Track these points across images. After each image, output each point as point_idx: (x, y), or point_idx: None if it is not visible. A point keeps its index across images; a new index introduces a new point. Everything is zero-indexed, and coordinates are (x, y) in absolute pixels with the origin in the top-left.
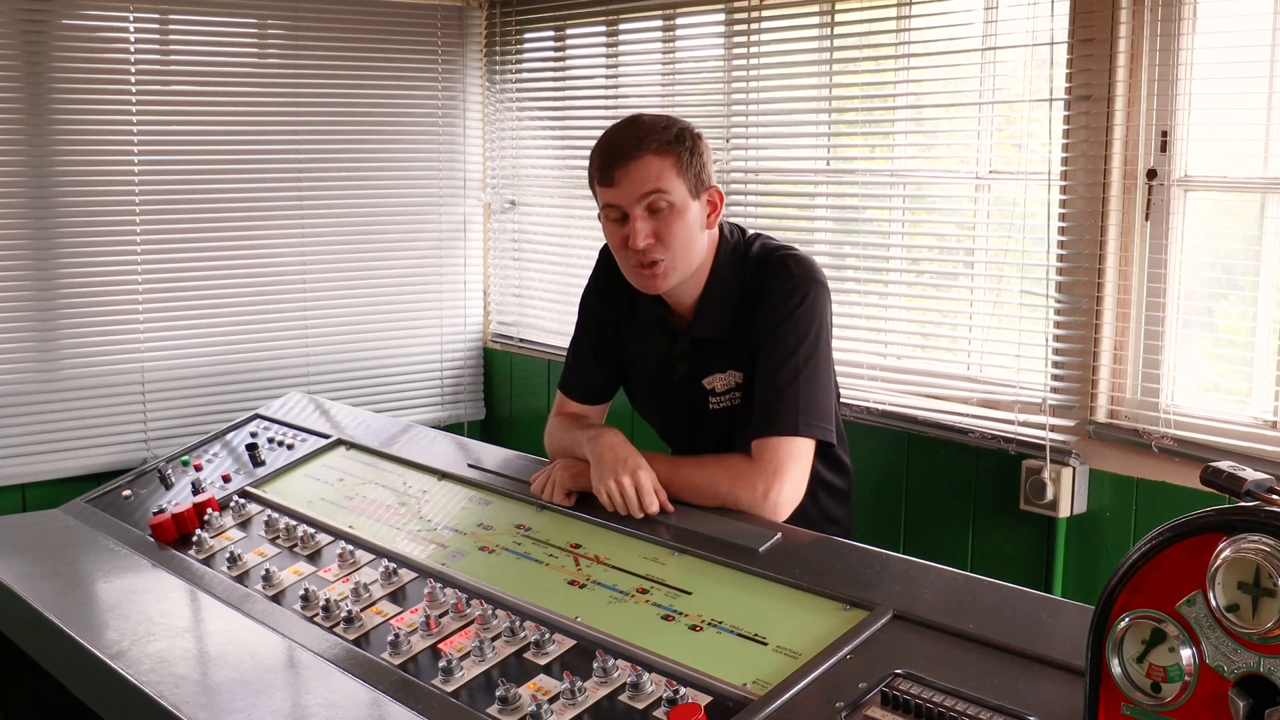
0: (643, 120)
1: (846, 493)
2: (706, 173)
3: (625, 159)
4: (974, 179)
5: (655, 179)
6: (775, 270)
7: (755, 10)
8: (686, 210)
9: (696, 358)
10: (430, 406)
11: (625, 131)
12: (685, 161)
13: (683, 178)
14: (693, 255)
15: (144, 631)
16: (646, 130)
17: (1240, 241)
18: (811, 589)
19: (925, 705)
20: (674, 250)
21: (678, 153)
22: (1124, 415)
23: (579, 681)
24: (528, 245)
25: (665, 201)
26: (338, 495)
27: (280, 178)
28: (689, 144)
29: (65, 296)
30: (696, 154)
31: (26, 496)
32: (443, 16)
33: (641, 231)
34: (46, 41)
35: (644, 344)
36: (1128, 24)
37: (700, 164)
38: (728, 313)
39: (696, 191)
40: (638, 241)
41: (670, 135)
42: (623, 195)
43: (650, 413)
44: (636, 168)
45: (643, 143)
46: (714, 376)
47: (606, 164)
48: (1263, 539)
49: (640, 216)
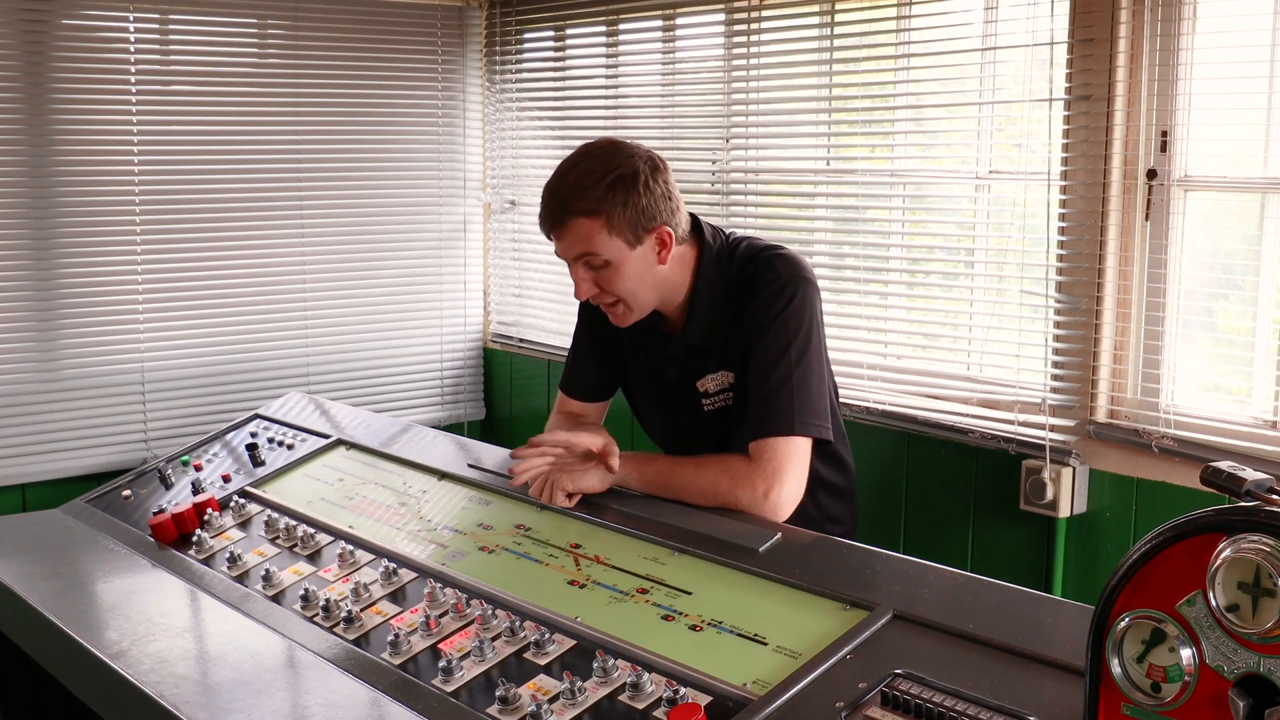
0: (575, 171)
1: (848, 491)
2: (648, 216)
3: (554, 224)
4: (974, 179)
5: (585, 243)
6: (763, 270)
7: (755, 10)
8: (624, 263)
9: (688, 362)
10: (430, 406)
11: (556, 190)
12: (617, 217)
13: (616, 234)
14: (645, 296)
15: (144, 631)
16: (574, 190)
17: (1240, 241)
18: (811, 589)
19: (925, 705)
20: (622, 297)
21: (607, 211)
22: (1124, 415)
23: (579, 681)
24: (528, 245)
25: (600, 260)
26: (338, 495)
27: (280, 178)
28: (621, 196)
29: (65, 296)
30: (630, 204)
31: (26, 496)
32: (443, 16)
33: (583, 286)
34: (46, 41)
35: (638, 349)
36: (1128, 24)
37: (637, 212)
38: (716, 318)
39: (636, 239)
40: (580, 294)
41: (600, 190)
42: (561, 251)
43: (648, 416)
44: (565, 232)
45: (568, 207)
46: (706, 378)
47: (541, 220)
48: (1263, 539)
49: (580, 272)
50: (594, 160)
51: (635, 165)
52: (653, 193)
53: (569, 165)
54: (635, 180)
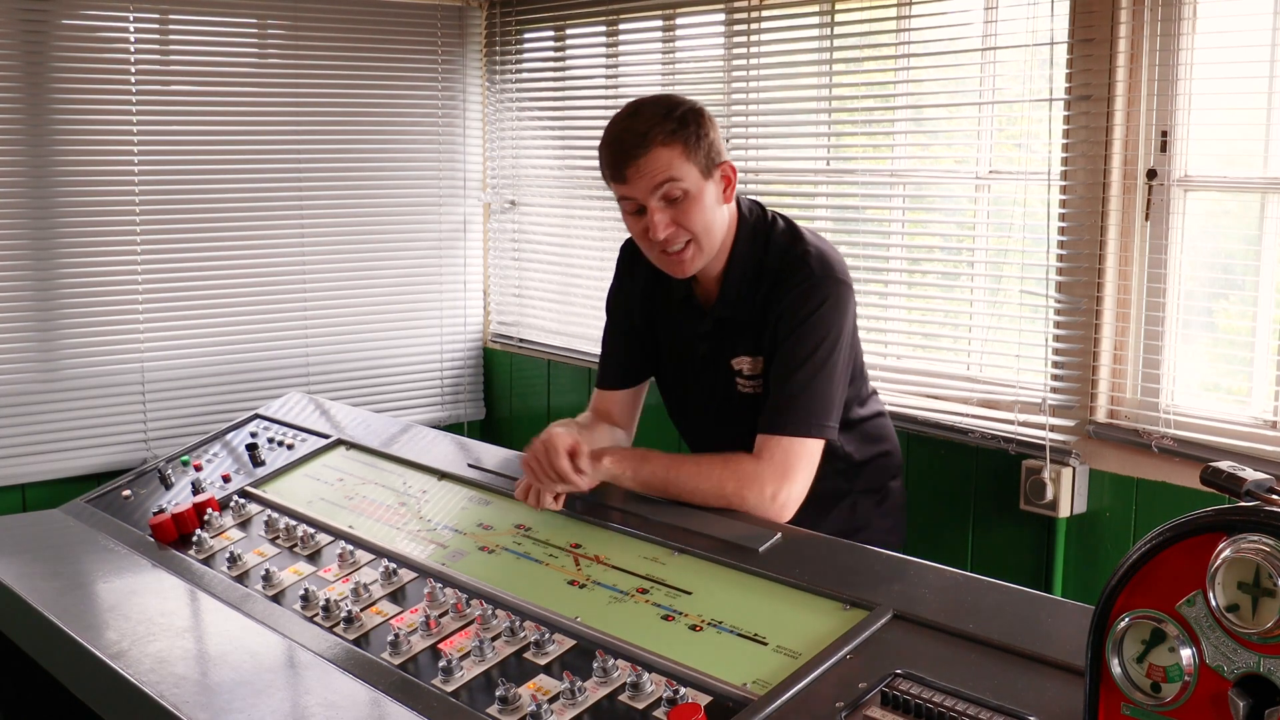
0: (645, 110)
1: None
2: (715, 150)
3: (633, 155)
4: (974, 179)
5: (665, 169)
6: (796, 268)
7: (755, 10)
8: (702, 194)
9: (720, 337)
10: (430, 406)
11: (629, 125)
12: (693, 146)
13: (692, 162)
14: (715, 235)
15: (144, 631)
16: (649, 121)
17: (1240, 241)
18: (811, 589)
19: (925, 705)
20: (696, 234)
21: (684, 139)
22: (1124, 415)
23: (579, 681)
24: (528, 245)
25: (679, 190)
26: (338, 495)
27: (280, 178)
28: (694, 127)
29: (65, 296)
30: (703, 134)
31: (26, 496)
32: (443, 16)
33: (660, 223)
34: (46, 41)
35: (672, 324)
36: (1128, 24)
37: (708, 143)
38: (746, 294)
39: (708, 171)
40: (658, 233)
41: (674, 122)
42: (636, 190)
43: (678, 402)
44: (645, 162)
45: (647, 137)
46: (741, 358)
47: (615, 161)
48: (1263, 539)
49: (657, 208)
50: (656, 103)
51: (696, 104)
52: (714, 130)
53: (632, 109)
54: (701, 115)
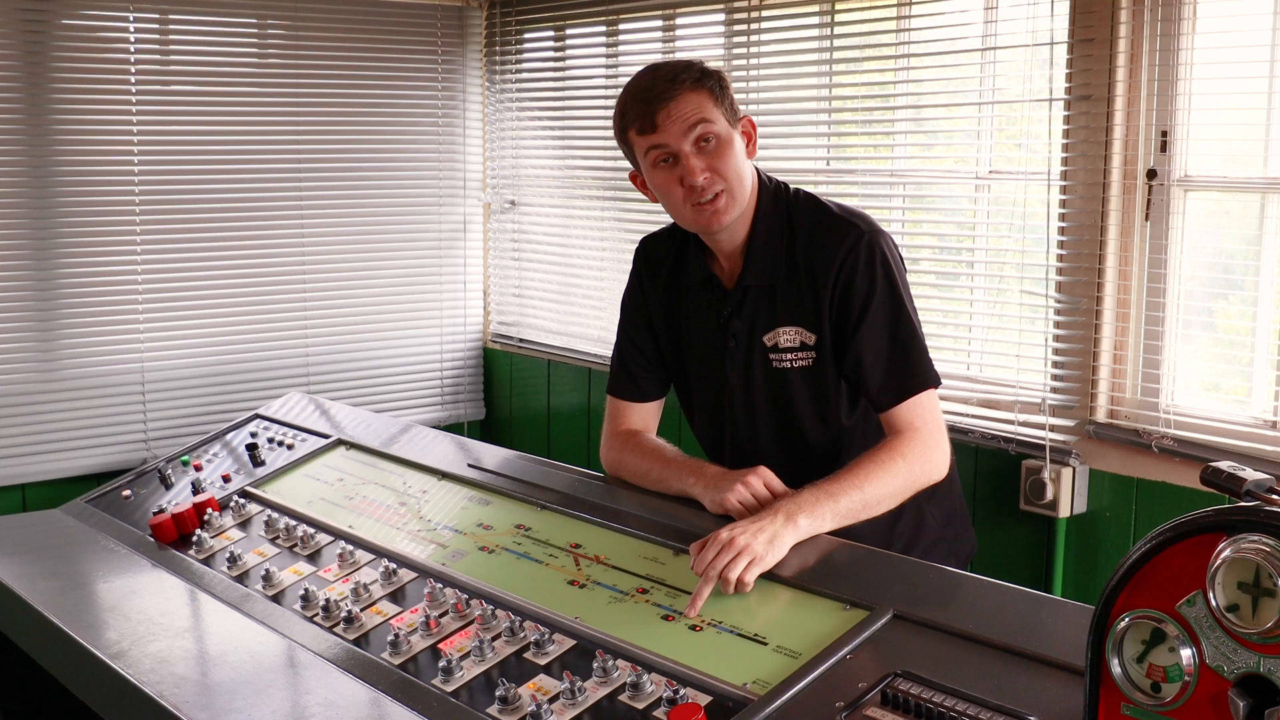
0: (665, 65)
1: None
2: (736, 106)
3: (665, 99)
4: (974, 179)
5: (698, 111)
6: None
7: (755, 10)
8: (732, 139)
9: (754, 310)
10: (430, 406)
11: (655, 76)
12: (719, 94)
13: (720, 109)
14: (746, 185)
15: (144, 631)
16: (674, 71)
17: (1240, 241)
18: (811, 589)
19: (925, 705)
20: (730, 180)
21: (710, 86)
22: (1124, 415)
23: (579, 681)
24: (528, 245)
25: (712, 133)
26: (338, 495)
27: (280, 178)
28: (716, 80)
29: (65, 296)
30: (725, 87)
31: (26, 496)
32: (443, 16)
33: (697, 167)
34: (46, 41)
35: (696, 311)
36: (1128, 24)
37: (730, 97)
38: (778, 259)
39: (734, 122)
40: (695, 178)
41: (698, 71)
42: (670, 135)
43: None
44: (678, 105)
45: (676, 81)
46: (777, 331)
47: (645, 110)
48: (1263, 539)
49: (691, 153)
50: (674, 61)
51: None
52: (730, 89)
53: (652, 68)
54: (720, 73)
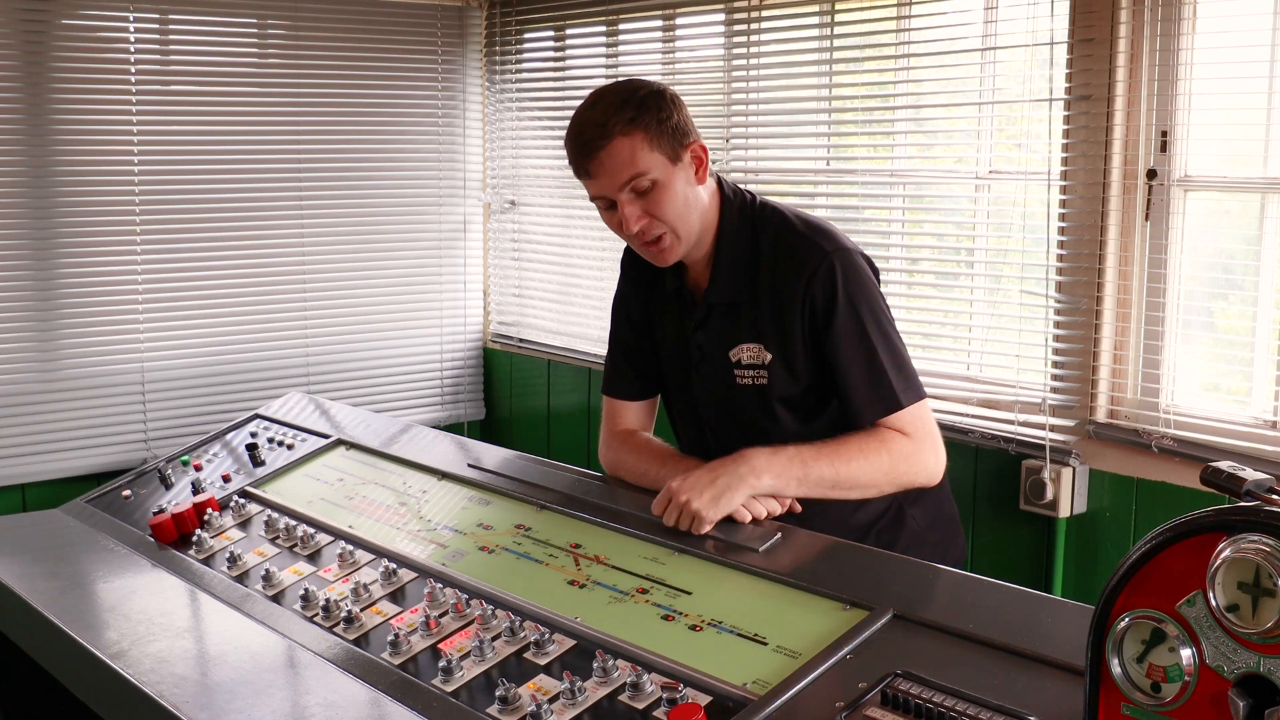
0: (604, 99)
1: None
2: (682, 131)
3: (594, 149)
4: (974, 179)
5: (630, 163)
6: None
7: (755, 10)
8: (671, 181)
9: (718, 326)
10: (430, 406)
11: (589, 117)
12: (655, 131)
13: (657, 149)
14: (691, 222)
15: (144, 631)
16: (607, 111)
17: (1240, 241)
18: (811, 589)
19: (925, 705)
20: (671, 221)
21: (644, 126)
22: (1124, 415)
23: (579, 681)
24: (528, 245)
25: (647, 181)
26: (338, 495)
27: (280, 178)
28: (654, 112)
29: (65, 296)
30: (665, 117)
31: (26, 496)
32: (443, 16)
33: (632, 216)
34: (46, 41)
35: (667, 318)
36: (1128, 24)
37: (672, 125)
38: (741, 278)
39: (676, 156)
40: (630, 227)
41: (632, 109)
42: (603, 186)
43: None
44: (609, 155)
45: (605, 128)
46: (740, 347)
47: (579, 158)
48: (1263, 539)
49: (627, 201)
50: (615, 90)
51: (657, 86)
52: (680, 110)
53: (592, 101)
54: (662, 97)
